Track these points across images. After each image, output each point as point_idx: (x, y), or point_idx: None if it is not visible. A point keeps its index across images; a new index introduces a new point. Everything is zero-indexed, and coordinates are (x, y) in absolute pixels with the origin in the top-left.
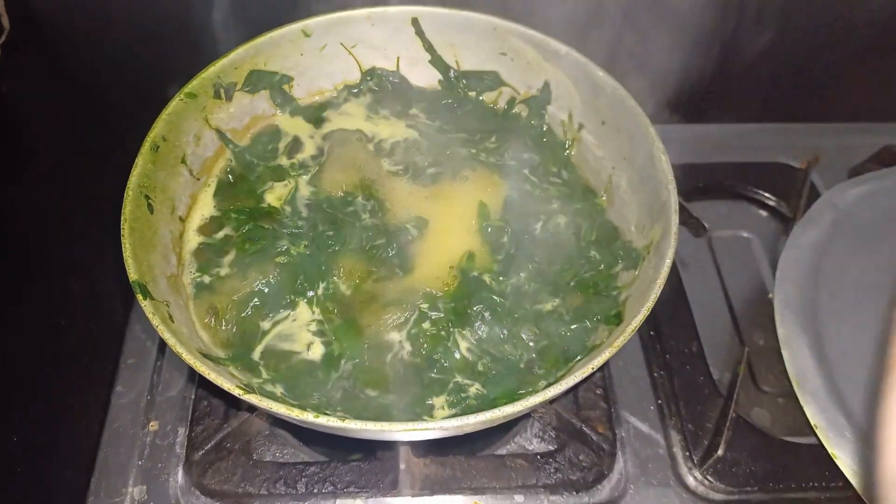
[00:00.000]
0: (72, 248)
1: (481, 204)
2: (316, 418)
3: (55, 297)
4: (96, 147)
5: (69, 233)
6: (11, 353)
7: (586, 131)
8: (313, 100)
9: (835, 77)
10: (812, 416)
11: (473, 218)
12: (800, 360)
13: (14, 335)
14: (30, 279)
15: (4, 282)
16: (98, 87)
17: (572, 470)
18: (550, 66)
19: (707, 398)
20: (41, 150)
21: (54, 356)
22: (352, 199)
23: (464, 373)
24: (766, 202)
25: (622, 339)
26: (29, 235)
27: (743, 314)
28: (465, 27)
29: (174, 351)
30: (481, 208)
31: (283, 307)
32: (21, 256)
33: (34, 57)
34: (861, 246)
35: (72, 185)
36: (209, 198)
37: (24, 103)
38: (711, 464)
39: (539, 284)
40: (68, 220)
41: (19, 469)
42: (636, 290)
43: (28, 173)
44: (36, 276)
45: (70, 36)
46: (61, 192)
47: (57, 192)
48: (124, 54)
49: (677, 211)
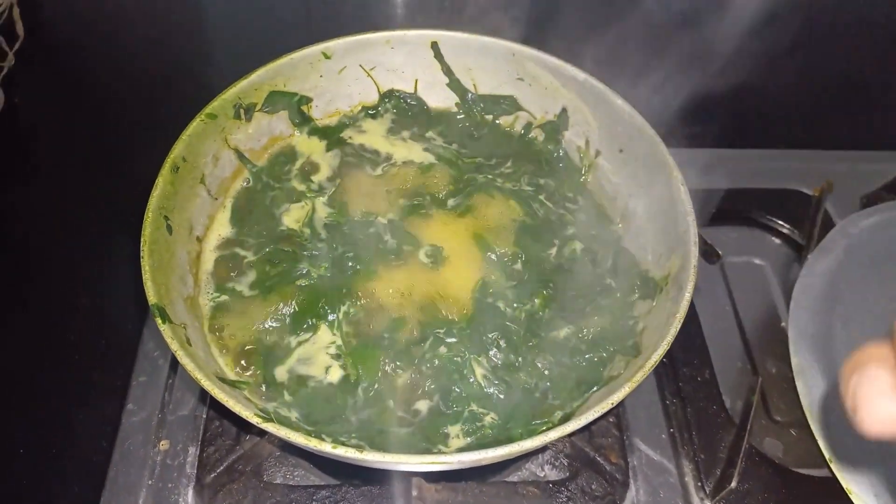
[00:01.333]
0: (82, 262)
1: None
2: (334, 449)
3: (64, 312)
4: (108, 160)
5: (80, 247)
6: (20, 368)
7: (603, 158)
8: (331, 120)
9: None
10: (826, 450)
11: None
12: (814, 391)
13: (23, 350)
14: (39, 293)
15: (13, 296)
16: (109, 99)
17: (585, 498)
18: (568, 92)
19: (720, 427)
20: (52, 161)
21: (63, 372)
22: (372, 219)
23: (479, 401)
24: (779, 229)
25: (642, 373)
26: (39, 249)
27: (756, 342)
28: (483, 52)
29: (192, 377)
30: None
31: (305, 330)
32: (30, 270)
33: (47, 66)
34: (875, 275)
35: (82, 198)
36: (226, 218)
37: (35, 113)
38: (724, 495)
39: (554, 311)
40: (79, 234)
41: (26, 484)
42: (653, 320)
43: (39, 185)
44: (45, 290)
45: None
46: (72, 205)
47: (67, 206)
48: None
49: (697, 243)
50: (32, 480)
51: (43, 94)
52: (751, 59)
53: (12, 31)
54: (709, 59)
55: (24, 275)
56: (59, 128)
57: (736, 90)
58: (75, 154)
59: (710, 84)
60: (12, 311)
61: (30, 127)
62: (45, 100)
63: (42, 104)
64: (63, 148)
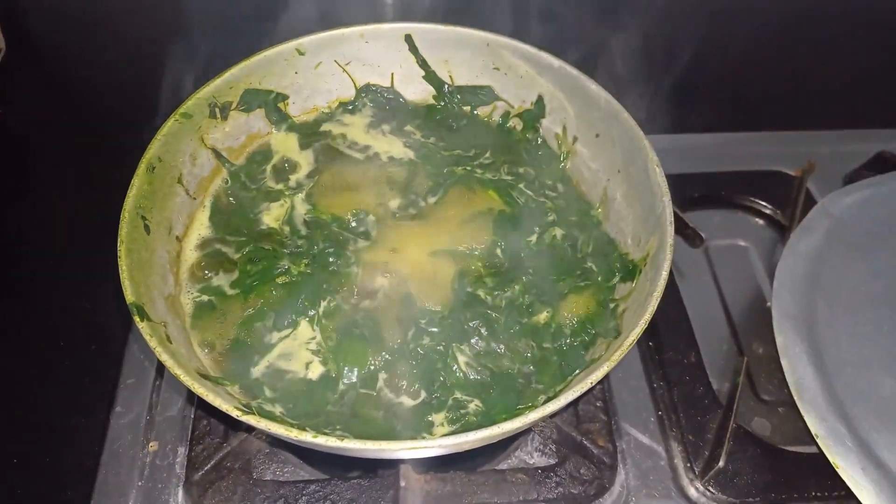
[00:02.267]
0: (71, 268)
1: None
2: (315, 438)
3: (54, 318)
4: (94, 166)
5: (68, 253)
6: (10, 374)
7: (580, 144)
8: (309, 117)
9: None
10: (812, 426)
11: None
12: (799, 369)
13: (13, 356)
14: (27, 299)
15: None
16: (95, 106)
17: (573, 483)
18: (543, 80)
19: (707, 408)
20: (39, 170)
21: (53, 377)
22: (351, 215)
23: (463, 389)
24: (762, 210)
25: (620, 352)
26: (28, 256)
27: (741, 323)
28: (459, 43)
29: (172, 372)
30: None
31: (285, 327)
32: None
33: (31, 77)
34: (857, 253)
35: (71, 203)
36: (206, 218)
37: (21, 124)
38: (713, 475)
39: (533, 297)
40: (67, 240)
41: (19, 491)
42: (633, 302)
43: (27, 194)
44: (35, 296)
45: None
46: (61, 210)
47: (56, 212)
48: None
49: (672, 223)
50: (24, 487)
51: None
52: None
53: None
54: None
55: (11, 281)
56: (47, 136)
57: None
58: (62, 161)
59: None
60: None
61: (18, 136)
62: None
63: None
64: (50, 156)
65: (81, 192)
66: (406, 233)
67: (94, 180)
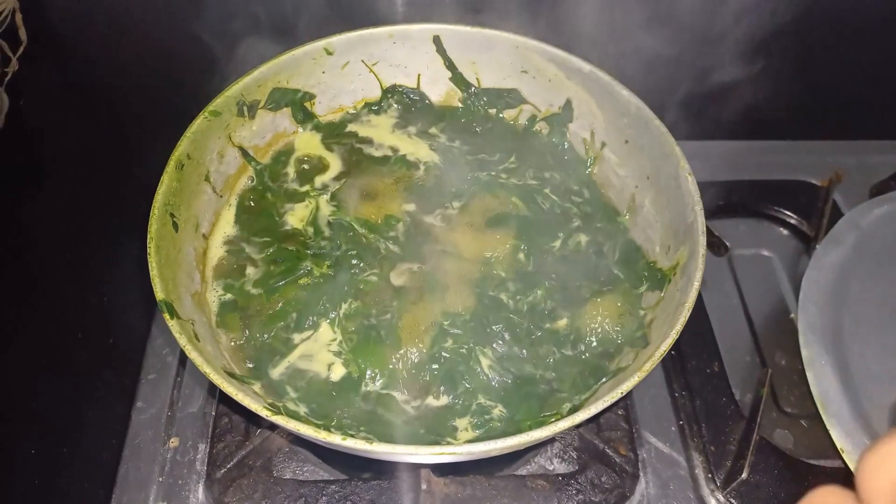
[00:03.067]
0: (90, 262)
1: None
2: (343, 441)
3: (73, 312)
4: (113, 159)
5: (87, 247)
6: (31, 369)
7: (609, 150)
8: (335, 117)
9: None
10: (838, 440)
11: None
12: (824, 383)
13: (33, 351)
14: (48, 294)
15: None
16: (114, 100)
17: (594, 491)
18: (573, 84)
19: (729, 419)
20: (58, 162)
21: (71, 370)
22: (375, 218)
23: (487, 393)
24: (787, 220)
25: (651, 363)
26: (47, 250)
27: (764, 334)
28: (486, 45)
29: (201, 371)
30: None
31: (307, 328)
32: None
33: (51, 70)
34: (884, 266)
35: (89, 197)
36: (232, 216)
37: (41, 116)
38: (735, 486)
39: (556, 302)
40: (86, 234)
41: (38, 484)
42: (662, 311)
43: (45, 186)
44: (54, 291)
45: (86, 49)
46: (78, 204)
47: (74, 205)
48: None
49: (704, 233)
50: (44, 479)
51: (47, 97)
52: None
53: (15, 37)
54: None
55: (33, 276)
56: (64, 129)
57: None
58: (80, 155)
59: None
60: (23, 313)
61: (35, 129)
62: (49, 102)
63: (47, 107)
64: (68, 149)
65: (99, 185)
66: (430, 237)
67: (112, 175)
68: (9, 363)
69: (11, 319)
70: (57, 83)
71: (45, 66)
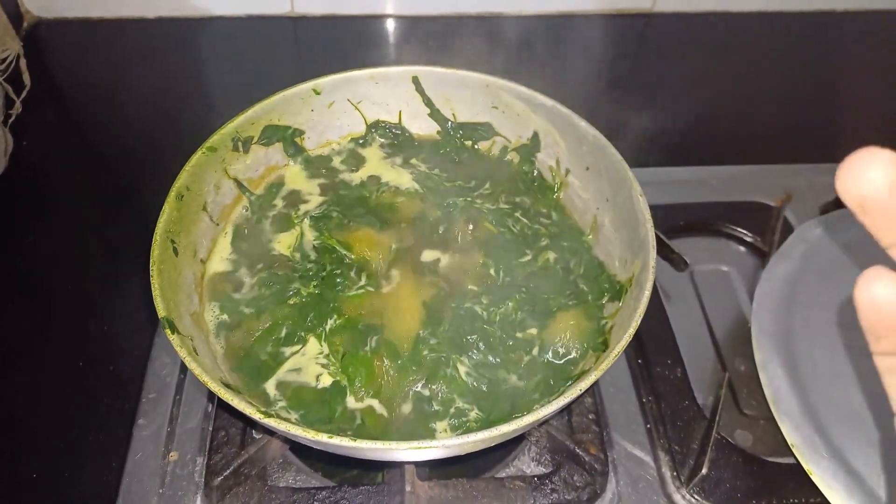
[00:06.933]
0: (91, 291)
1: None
2: (329, 439)
3: (76, 340)
4: (113, 194)
5: (88, 277)
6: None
7: (572, 176)
8: (323, 150)
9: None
10: (788, 435)
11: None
12: (776, 382)
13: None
14: (52, 324)
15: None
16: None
17: (567, 490)
18: (538, 118)
19: (692, 421)
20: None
21: (75, 396)
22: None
23: (463, 396)
24: (743, 238)
25: (607, 363)
26: (49, 281)
27: (724, 342)
28: (461, 84)
29: (200, 380)
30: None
31: (295, 343)
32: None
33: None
34: (830, 276)
35: (90, 231)
36: (227, 243)
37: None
38: (697, 482)
39: (525, 313)
40: (87, 265)
41: None
42: (620, 318)
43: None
44: (54, 319)
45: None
46: (80, 238)
47: (76, 239)
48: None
49: (654, 246)
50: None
51: (50, 137)
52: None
53: (19, 81)
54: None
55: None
56: (66, 167)
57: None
58: (82, 190)
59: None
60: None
61: (38, 167)
62: (52, 142)
63: (49, 145)
64: (70, 185)
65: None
66: (409, 255)
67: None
68: (15, 389)
69: (16, 349)
70: (59, 123)
71: (47, 108)
